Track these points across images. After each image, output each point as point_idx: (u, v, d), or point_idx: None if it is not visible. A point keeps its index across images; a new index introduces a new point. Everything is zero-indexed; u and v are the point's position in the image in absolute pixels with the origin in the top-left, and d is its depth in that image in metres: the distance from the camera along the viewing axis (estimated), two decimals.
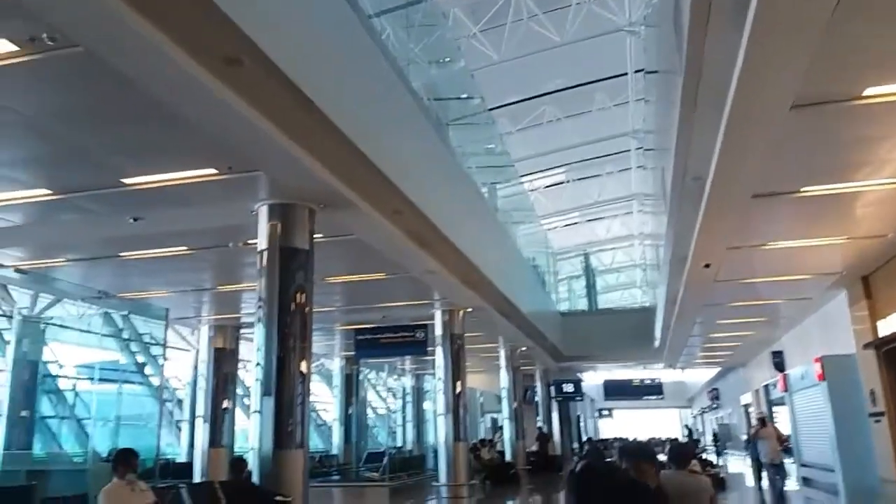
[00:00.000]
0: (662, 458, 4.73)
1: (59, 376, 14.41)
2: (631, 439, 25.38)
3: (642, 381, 35.20)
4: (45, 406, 14.13)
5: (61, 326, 13.73)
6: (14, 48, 4.48)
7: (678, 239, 9.93)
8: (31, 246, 9.47)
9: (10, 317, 13.24)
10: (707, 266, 10.21)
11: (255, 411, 7.00)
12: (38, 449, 13.30)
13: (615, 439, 29.64)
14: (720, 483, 14.34)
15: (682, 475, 4.36)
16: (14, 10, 4.04)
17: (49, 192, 7.13)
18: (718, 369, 32.23)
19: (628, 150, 22.80)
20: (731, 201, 7.39)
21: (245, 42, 4.40)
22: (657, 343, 21.64)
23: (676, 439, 27.67)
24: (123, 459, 5.76)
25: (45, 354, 13.79)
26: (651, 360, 27.62)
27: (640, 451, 3.98)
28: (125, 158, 6.48)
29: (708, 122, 5.77)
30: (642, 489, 2.81)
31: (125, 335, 15.40)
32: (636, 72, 17.95)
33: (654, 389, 35.04)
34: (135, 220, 7.91)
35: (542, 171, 24.75)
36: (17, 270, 10.35)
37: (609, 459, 5.98)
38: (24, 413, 12.90)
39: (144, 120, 5.68)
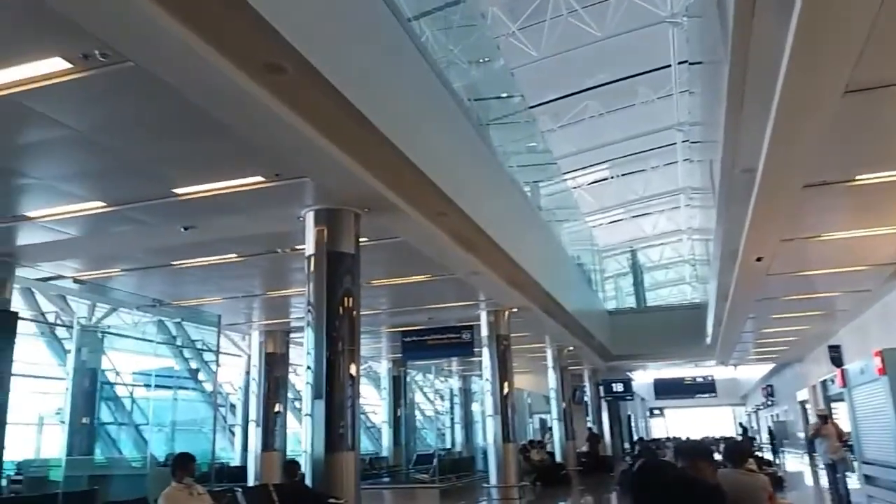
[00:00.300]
0: (717, 457, 4.63)
1: (117, 384, 14.83)
2: (684, 438, 24.93)
3: (694, 378, 34.49)
4: (105, 413, 14.55)
5: (118, 335, 14.14)
6: (68, 66, 4.63)
7: (728, 233, 9.72)
8: (87, 257, 9.78)
9: (70, 327, 13.69)
10: (759, 259, 9.96)
11: (307, 414, 7.09)
12: (98, 454, 13.69)
13: (667, 439, 29.15)
14: (778, 482, 13.97)
15: (739, 474, 4.27)
16: (67, 29, 4.17)
17: (103, 204, 7.35)
18: (773, 365, 31.44)
19: (674, 144, 22.41)
20: (783, 192, 7.20)
21: (287, 49, 4.45)
22: (709, 340, 21.23)
23: (731, 438, 27.07)
24: (181, 464, 5.90)
25: (103, 363, 14.20)
26: (703, 358, 27.11)
27: (696, 450, 3.90)
28: (175, 169, 6.64)
29: (756, 111, 5.63)
30: (702, 487, 2.73)
31: (178, 342, 15.77)
32: (679, 63, 17.63)
33: (707, 387, 34.31)
34: (186, 229, 8.10)
35: (585, 167, 24.53)
36: (76, 281, 10.70)
37: (663, 459, 5.87)
38: (84, 420, 13.29)
39: (193, 131, 5.81)
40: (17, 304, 11.17)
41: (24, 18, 4.16)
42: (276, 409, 14.47)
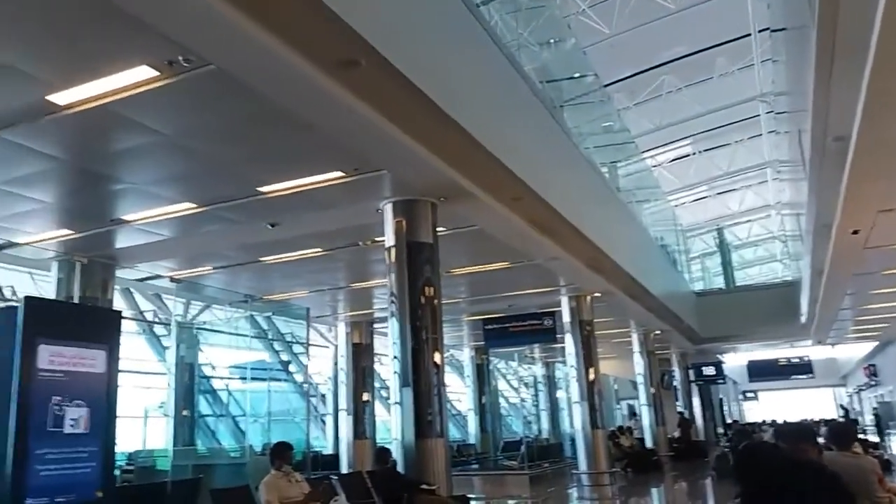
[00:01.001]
0: (819, 440, 4.42)
1: (213, 377, 15.50)
2: (780, 422, 23.98)
3: (789, 359, 33.05)
4: (203, 405, 15.24)
5: (212, 331, 14.77)
6: (155, 73, 4.85)
7: (821, 206, 9.24)
8: (181, 257, 10.26)
9: (168, 324, 14.40)
10: (855, 232, 9.44)
11: (395, 403, 7.22)
12: (199, 445, 14.36)
13: (763, 422, 28.11)
14: (885, 465, 13.26)
15: (846, 456, 4.06)
16: (152, 37, 4.37)
17: (193, 205, 7.68)
18: (875, 343, 29.76)
19: (757, 116, 21.43)
20: (879, 160, 6.78)
21: (360, 43, 4.52)
22: (803, 319, 20.32)
23: (833, 420, 25.84)
24: (279, 452, 6.12)
25: (200, 357, 14.88)
26: (798, 338, 25.95)
27: (799, 433, 3.73)
28: (259, 168, 6.87)
29: (848, 76, 5.31)
30: (813, 469, 2.59)
31: (269, 336, 16.34)
32: (760, 31, 16.83)
33: (803, 368, 32.81)
34: (272, 225, 8.38)
35: (664, 145, 23.79)
36: (172, 280, 11.24)
37: (764, 441, 5.67)
38: (185, 412, 13.96)
39: (274, 130, 5.99)
40: (118, 303, 11.82)
41: (113, 31, 4.39)
42: (365, 398, 14.81)
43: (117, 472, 10.49)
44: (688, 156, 25.45)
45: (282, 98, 5.27)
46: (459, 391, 23.71)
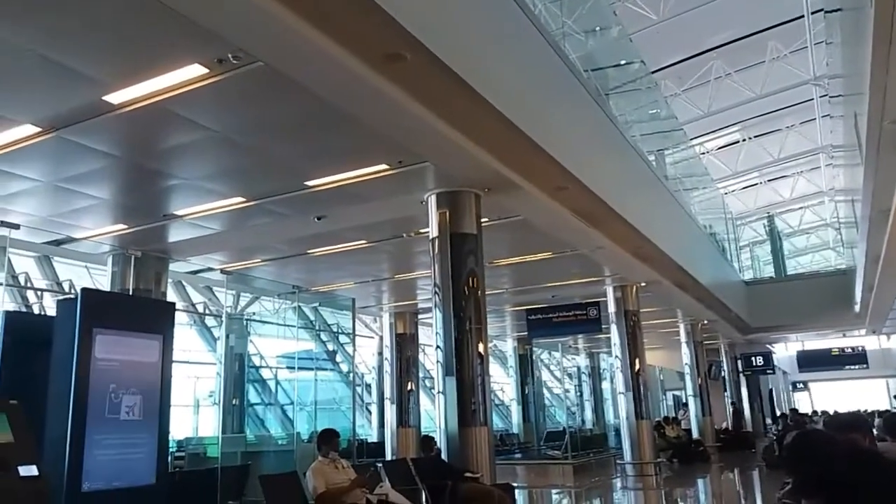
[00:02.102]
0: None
1: (262, 367, 15.82)
2: (832, 413, 23.37)
3: (842, 349, 32.17)
4: (252, 394, 15.57)
5: (261, 321, 15.07)
6: (205, 71, 4.97)
7: (878, 191, 8.95)
8: (230, 250, 10.49)
9: (219, 315, 14.74)
10: None
11: (439, 392, 7.28)
12: (248, 433, 14.67)
13: (814, 413, 27.43)
14: None
15: None
16: (203, 36, 4.47)
17: (243, 199, 7.85)
18: None
19: (810, 100, 20.80)
20: None
21: (405, 37, 4.54)
22: (857, 308, 19.74)
23: (887, 411, 25.09)
24: (327, 439, 6.23)
25: (249, 348, 15.19)
26: (851, 327, 25.23)
27: (851, 422, 3.64)
28: (307, 162, 6.98)
29: None
30: (868, 458, 2.50)
31: (316, 326, 16.59)
32: (814, 13, 16.32)
33: (857, 358, 31.89)
34: (318, 218, 8.51)
35: (713, 131, 23.27)
36: (223, 272, 11.50)
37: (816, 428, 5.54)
38: (234, 401, 14.29)
39: (320, 124, 6.07)
40: (171, 296, 12.13)
41: (165, 31, 4.51)
42: (409, 387, 14.95)
43: (169, 459, 10.84)
44: (737, 142, 24.85)
45: (328, 93, 5.33)
46: (503, 381, 23.73)
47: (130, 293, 9.62)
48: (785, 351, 35.09)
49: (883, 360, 40.09)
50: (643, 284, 13.57)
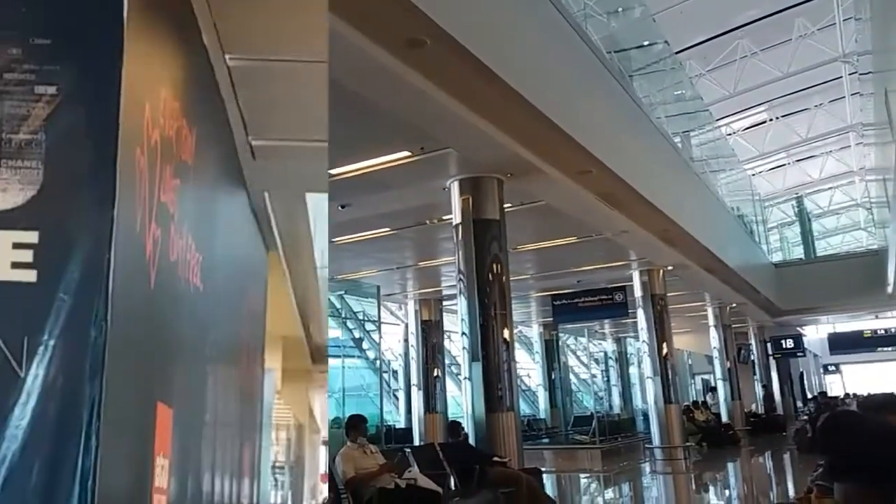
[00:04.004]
0: None
1: None
2: (865, 395, 23.05)
3: (874, 331, 31.61)
4: None
5: None
6: None
7: None
8: None
9: None
10: None
11: (465, 378, 7.32)
12: None
13: (846, 395, 27.07)
14: None
15: None
16: None
17: None
18: None
19: (839, 78, 20.35)
20: None
21: (425, 22, 4.53)
22: (890, 289, 19.39)
23: None
24: (355, 425, 6.28)
25: None
26: (884, 308, 24.83)
27: (885, 403, 3.58)
28: (331, 150, 6.99)
29: None
30: None
31: (342, 314, 16.72)
32: None
33: (890, 340, 31.29)
34: (343, 207, 8.55)
35: (740, 111, 22.89)
36: None
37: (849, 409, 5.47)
38: None
39: (343, 112, 6.07)
40: None
41: None
42: (435, 373, 15.03)
43: None
44: (764, 122, 24.43)
45: (349, 80, 5.34)
46: (529, 367, 23.73)
47: None
48: (816, 333, 34.58)
49: None
50: (670, 268, 13.46)
